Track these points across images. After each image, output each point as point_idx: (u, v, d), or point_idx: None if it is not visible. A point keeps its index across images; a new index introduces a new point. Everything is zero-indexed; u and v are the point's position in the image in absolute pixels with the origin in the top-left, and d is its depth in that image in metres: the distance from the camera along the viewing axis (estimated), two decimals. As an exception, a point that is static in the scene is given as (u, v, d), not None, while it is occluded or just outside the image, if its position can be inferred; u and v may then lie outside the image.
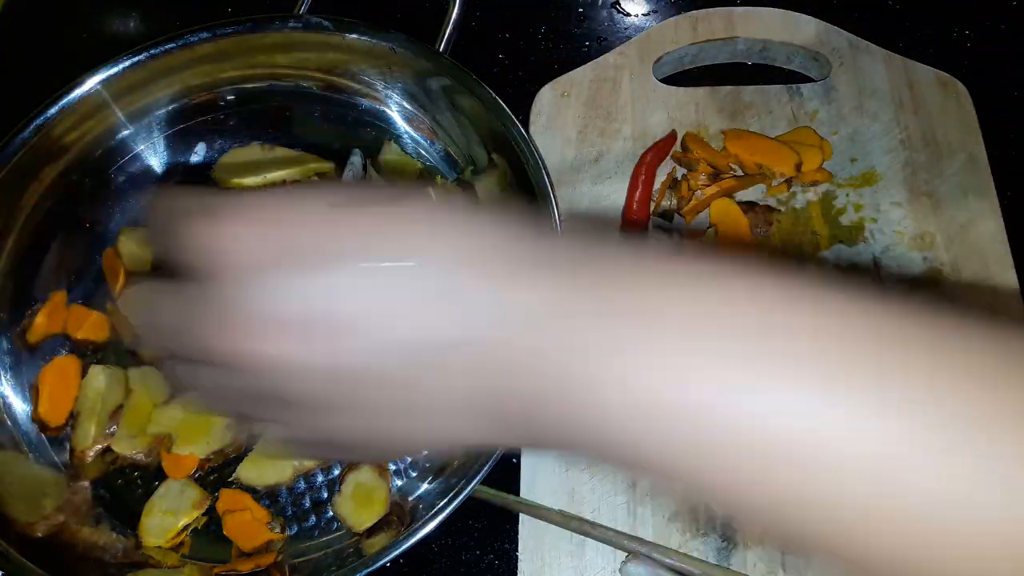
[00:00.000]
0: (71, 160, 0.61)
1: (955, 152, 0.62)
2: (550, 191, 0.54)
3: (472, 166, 0.63)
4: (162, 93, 0.62)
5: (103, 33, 0.76)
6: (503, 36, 0.73)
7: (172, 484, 0.55)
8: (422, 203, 0.30)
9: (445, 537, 0.55)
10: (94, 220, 0.63)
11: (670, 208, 0.61)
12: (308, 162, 0.65)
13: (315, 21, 0.59)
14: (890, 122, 0.64)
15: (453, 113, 0.62)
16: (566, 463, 0.54)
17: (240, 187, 0.64)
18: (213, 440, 0.56)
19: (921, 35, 0.70)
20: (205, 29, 0.59)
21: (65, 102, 0.57)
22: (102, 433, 0.56)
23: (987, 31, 0.70)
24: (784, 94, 0.65)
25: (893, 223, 0.60)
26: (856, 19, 0.70)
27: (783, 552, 0.51)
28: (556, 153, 0.64)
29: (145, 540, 0.54)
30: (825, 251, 0.60)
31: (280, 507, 0.55)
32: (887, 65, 0.66)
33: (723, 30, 0.67)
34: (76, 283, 0.62)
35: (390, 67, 0.61)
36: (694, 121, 0.65)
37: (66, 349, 0.60)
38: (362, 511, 0.53)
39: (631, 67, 0.67)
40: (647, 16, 0.74)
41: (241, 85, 0.65)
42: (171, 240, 0.29)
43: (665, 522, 0.52)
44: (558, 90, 0.66)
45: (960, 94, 0.64)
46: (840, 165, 0.63)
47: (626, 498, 0.53)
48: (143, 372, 0.58)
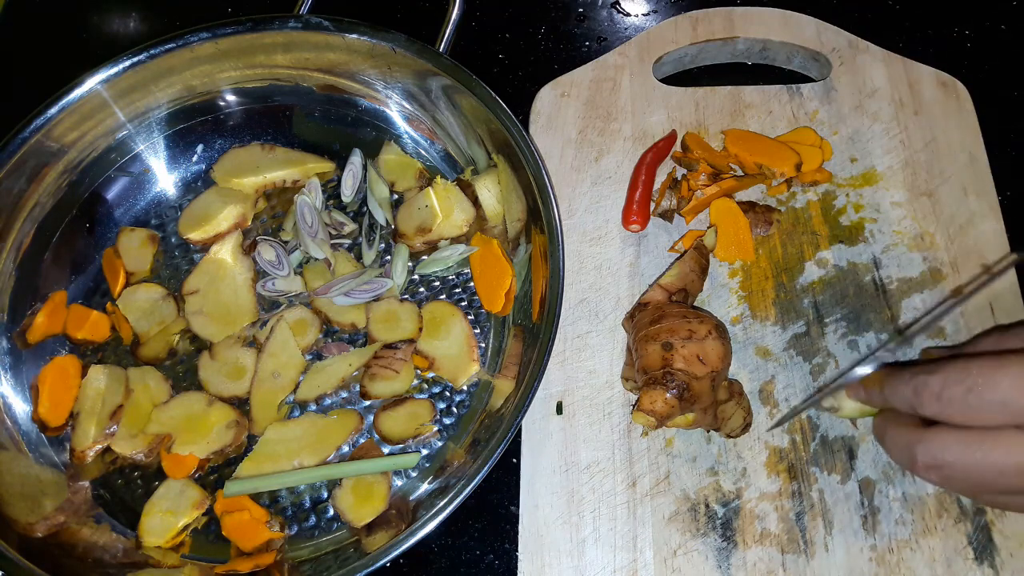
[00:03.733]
0: (71, 160, 0.61)
1: (955, 152, 0.62)
2: (550, 191, 0.54)
3: (472, 166, 0.63)
4: (162, 93, 0.62)
5: (103, 33, 0.76)
6: (503, 36, 0.73)
7: (172, 484, 0.55)
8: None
9: (445, 537, 0.55)
10: (94, 220, 0.63)
11: (670, 208, 0.61)
12: (308, 162, 0.65)
13: (315, 21, 0.59)
14: (890, 122, 0.64)
15: (453, 113, 0.62)
16: (565, 463, 0.54)
17: (242, 187, 0.64)
18: (213, 440, 0.56)
19: (921, 35, 0.70)
20: (205, 29, 0.59)
21: (65, 102, 0.57)
22: (102, 433, 0.56)
23: (987, 31, 0.70)
24: (784, 94, 0.65)
25: (893, 223, 0.60)
26: (856, 19, 0.70)
27: (783, 552, 0.51)
28: (556, 153, 0.64)
29: (145, 540, 0.54)
30: (825, 251, 0.60)
31: (280, 507, 0.55)
32: (887, 65, 0.66)
33: (723, 30, 0.67)
34: (76, 283, 0.62)
35: (390, 67, 0.61)
36: (694, 121, 0.65)
37: (66, 349, 0.60)
38: (362, 506, 0.54)
39: (631, 67, 0.67)
40: (647, 16, 0.74)
41: (241, 85, 0.65)
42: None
43: (665, 522, 0.52)
44: (558, 90, 0.66)
45: (960, 94, 0.64)
46: (840, 165, 0.63)
47: (626, 498, 0.53)
48: (143, 372, 0.59)
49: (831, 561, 0.51)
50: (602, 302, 0.59)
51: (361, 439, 0.57)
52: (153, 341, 0.60)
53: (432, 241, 0.62)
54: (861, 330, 0.57)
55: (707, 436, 0.54)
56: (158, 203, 0.65)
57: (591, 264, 0.60)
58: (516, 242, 0.60)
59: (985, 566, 0.50)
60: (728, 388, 0.52)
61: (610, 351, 0.57)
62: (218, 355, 0.59)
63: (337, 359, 0.59)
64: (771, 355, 0.57)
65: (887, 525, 0.51)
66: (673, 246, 0.60)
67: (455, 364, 0.58)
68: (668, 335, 0.50)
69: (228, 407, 0.58)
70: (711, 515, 0.52)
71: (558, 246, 0.52)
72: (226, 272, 0.61)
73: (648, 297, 0.55)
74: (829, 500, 0.52)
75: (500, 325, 0.60)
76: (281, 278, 0.61)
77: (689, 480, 0.53)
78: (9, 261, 0.59)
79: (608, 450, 0.54)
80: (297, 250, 0.63)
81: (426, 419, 0.57)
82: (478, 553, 0.55)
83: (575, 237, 0.61)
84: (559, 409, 0.56)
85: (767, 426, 0.54)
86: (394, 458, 0.55)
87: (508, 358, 0.57)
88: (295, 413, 0.58)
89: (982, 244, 0.59)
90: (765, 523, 0.52)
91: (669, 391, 0.49)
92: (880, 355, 0.56)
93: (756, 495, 0.53)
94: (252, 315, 0.61)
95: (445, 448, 0.57)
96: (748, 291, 0.59)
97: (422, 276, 0.62)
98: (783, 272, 0.59)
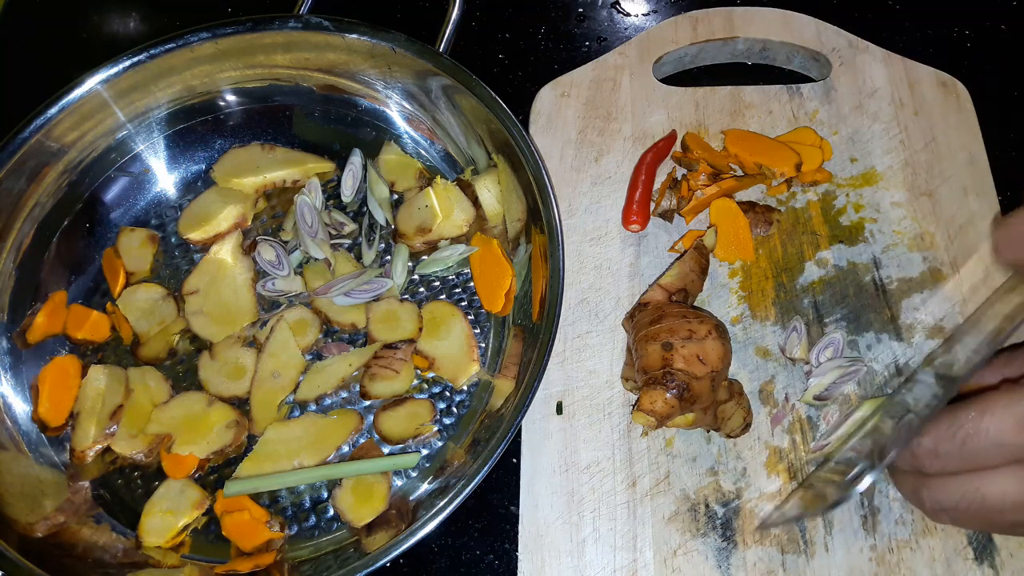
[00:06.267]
0: (71, 160, 0.61)
1: (955, 152, 0.62)
2: (550, 191, 0.54)
3: (472, 166, 0.63)
4: (162, 93, 0.62)
5: (103, 33, 0.76)
6: (503, 36, 0.73)
7: (172, 484, 0.55)
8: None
9: (445, 537, 0.55)
10: (94, 220, 0.63)
11: (670, 208, 0.61)
12: (308, 162, 0.65)
13: (315, 21, 0.59)
14: (890, 122, 0.64)
15: (453, 113, 0.62)
16: (565, 463, 0.54)
17: (242, 187, 0.64)
18: (213, 440, 0.56)
19: (921, 35, 0.70)
20: (205, 29, 0.59)
21: (65, 102, 0.57)
22: (102, 433, 0.56)
23: (987, 31, 0.70)
24: (784, 94, 0.65)
25: (893, 223, 0.60)
26: (856, 19, 0.70)
27: (783, 552, 0.51)
28: (556, 153, 0.64)
29: (145, 540, 0.54)
30: (825, 251, 0.60)
31: (280, 507, 0.55)
32: (887, 65, 0.66)
33: (723, 30, 0.67)
34: (76, 283, 0.62)
35: (390, 67, 0.61)
36: (694, 121, 0.65)
37: (66, 349, 0.60)
38: (362, 506, 0.53)
39: (631, 67, 0.67)
40: (647, 16, 0.74)
41: (241, 85, 0.65)
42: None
43: (665, 522, 0.52)
44: (558, 90, 0.66)
45: (960, 94, 0.64)
46: (840, 165, 0.63)
47: (626, 498, 0.53)
48: (143, 372, 0.59)
49: (831, 561, 0.51)
50: (602, 302, 0.59)
51: (361, 439, 0.57)
52: (153, 341, 0.60)
53: (432, 241, 0.62)
54: (861, 330, 0.57)
55: (707, 436, 0.54)
56: (158, 203, 0.65)
57: (591, 264, 0.60)
58: (516, 242, 0.60)
59: (985, 566, 0.50)
60: (728, 388, 0.52)
61: (610, 351, 0.57)
62: (218, 355, 0.59)
63: (337, 359, 0.59)
64: (771, 355, 0.57)
65: (887, 525, 0.51)
66: (673, 246, 0.60)
67: (455, 364, 0.58)
68: (668, 335, 0.50)
69: (228, 407, 0.58)
70: (711, 515, 0.52)
71: (558, 246, 0.52)
72: (226, 272, 0.61)
73: (648, 297, 0.55)
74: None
75: (500, 325, 0.60)
76: (281, 278, 0.61)
77: (689, 480, 0.53)
78: (9, 261, 0.59)
79: (608, 450, 0.54)
80: (297, 250, 0.63)
81: (426, 419, 0.57)
82: (478, 553, 0.55)
83: (575, 237, 0.61)
84: (559, 409, 0.56)
85: (758, 525, 0.52)
86: (394, 458, 0.55)
87: (508, 358, 0.57)
88: (295, 413, 0.58)
89: (982, 244, 0.59)
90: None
91: (669, 391, 0.49)
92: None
93: (756, 495, 0.53)
94: (252, 315, 0.61)
95: (445, 448, 0.57)
96: (748, 291, 0.59)
97: (422, 276, 0.62)
98: (783, 272, 0.59)
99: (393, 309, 0.60)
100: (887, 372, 0.56)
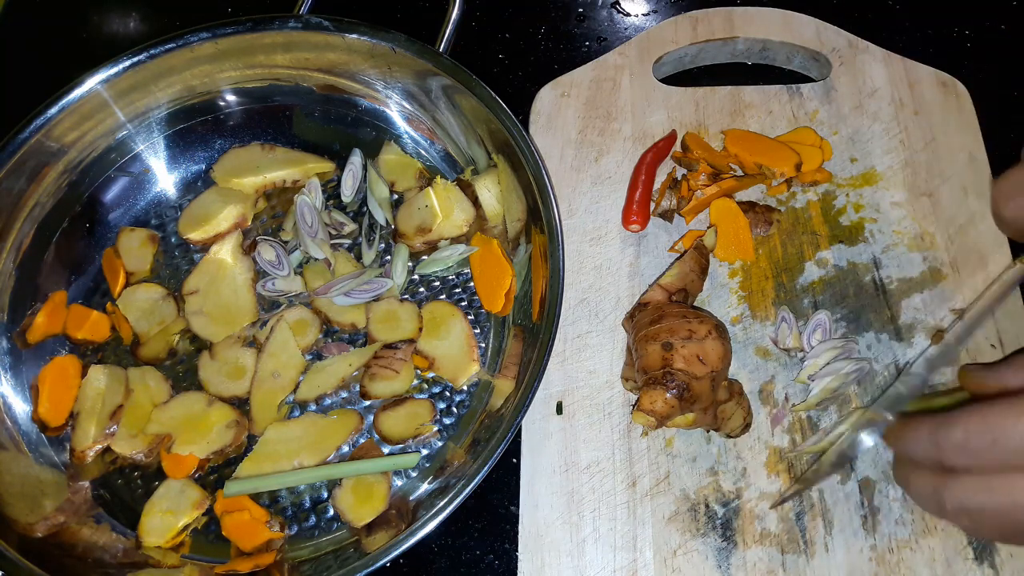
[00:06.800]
0: (71, 160, 0.61)
1: (955, 152, 0.62)
2: (550, 191, 0.54)
3: (472, 166, 0.63)
4: (162, 93, 0.62)
5: (103, 33, 0.76)
6: (503, 36, 0.73)
7: (172, 484, 0.55)
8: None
9: (445, 537, 0.55)
10: (94, 220, 0.63)
11: (670, 208, 0.61)
12: (308, 162, 0.65)
13: (315, 21, 0.59)
14: (890, 122, 0.64)
15: (453, 113, 0.62)
16: (565, 463, 0.54)
17: (242, 187, 0.64)
18: (213, 440, 0.56)
19: (921, 35, 0.70)
20: (205, 29, 0.59)
21: (65, 102, 0.57)
22: (102, 433, 0.56)
23: (987, 31, 0.70)
24: (784, 94, 0.65)
25: (893, 223, 0.60)
26: (856, 19, 0.70)
27: (783, 552, 0.51)
28: (556, 153, 0.64)
29: (145, 540, 0.54)
30: (825, 251, 0.60)
31: (280, 507, 0.55)
32: (887, 65, 0.66)
33: (723, 30, 0.67)
34: (76, 283, 0.62)
35: (390, 67, 0.61)
36: (694, 121, 0.65)
37: (66, 349, 0.60)
38: (362, 506, 0.53)
39: (631, 67, 0.67)
40: (647, 16, 0.74)
41: (241, 85, 0.65)
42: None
43: (665, 522, 0.52)
44: (558, 90, 0.66)
45: (960, 94, 0.64)
46: (840, 165, 0.63)
47: (626, 498, 0.53)
48: (143, 372, 0.59)
49: (831, 561, 0.51)
50: (602, 302, 0.59)
51: (361, 439, 0.57)
52: (153, 341, 0.60)
53: (432, 241, 0.62)
54: (861, 330, 0.57)
55: (707, 436, 0.54)
56: (158, 203, 0.65)
57: (591, 264, 0.60)
58: (516, 242, 0.60)
59: (985, 566, 0.50)
60: (728, 388, 0.52)
61: (610, 351, 0.57)
62: (218, 355, 0.59)
63: (337, 359, 0.59)
64: (771, 355, 0.57)
65: (887, 525, 0.51)
66: (673, 246, 0.60)
67: (455, 364, 0.58)
68: (668, 335, 0.50)
69: (228, 407, 0.58)
70: (711, 515, 0.52)
71: (558, 246, 0.52)
72: (226, 272, 0.61)
73: (648, 297, 0.55)
74: (829, 500, 0.52)
75: (500, 325, 0.60)
76: (281, 278, 0.61)
77: (689, 480, 0.53)
78: (9, 261, 0.59)
79: (608, 450, 0.54)
80: (297, 250, 0.63)
81: (426, 419, 0.57)
82: (478, 553, 0.55)
83: (575, 237, 0.61)
84: (559, 409, 0.56)
85: (773, 502, 0.53)
86: (394, 458, 0.55)
87: (508, 358, 0.57)
88: (295, 413, 0.58)
89: (982, 244, 0.59)
90: (765, 523, 0.52)
91: (669, 391, 0.49)
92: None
93: (756, 495, 0.53)
94: (252, 315, 0.61)
95: (445, 448, 0.57)
96: (748, 291, 0.59)
97: (422, 276, 0.62)
98: (783, 272, 0.59)
99: (393, 309, 0.60)
100: (887, 372, 0.56)
